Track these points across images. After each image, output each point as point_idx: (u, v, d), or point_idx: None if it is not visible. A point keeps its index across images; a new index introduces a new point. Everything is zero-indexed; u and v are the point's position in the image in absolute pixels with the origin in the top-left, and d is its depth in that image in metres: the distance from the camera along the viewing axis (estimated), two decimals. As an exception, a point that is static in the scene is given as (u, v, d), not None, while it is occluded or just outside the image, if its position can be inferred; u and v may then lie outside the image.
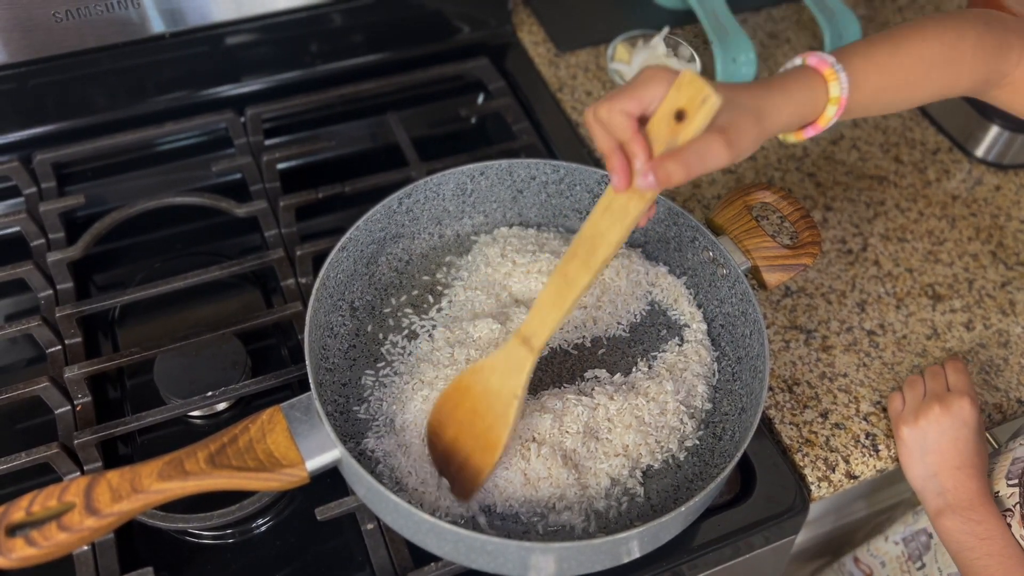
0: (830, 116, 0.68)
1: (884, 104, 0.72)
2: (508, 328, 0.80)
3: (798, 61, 0.68)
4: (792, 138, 0.70)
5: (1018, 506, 0.77)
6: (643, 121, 0.61)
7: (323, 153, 1.07)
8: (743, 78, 1.15)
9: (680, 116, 0.58)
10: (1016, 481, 0.79)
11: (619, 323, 0.86)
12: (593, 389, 0.79)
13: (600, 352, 0.84)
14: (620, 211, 0.63)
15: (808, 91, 0.66)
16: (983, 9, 0.75)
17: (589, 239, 0.65)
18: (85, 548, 0.73)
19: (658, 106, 0.60)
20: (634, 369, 0.83)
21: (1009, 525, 0.77)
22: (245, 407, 0.86)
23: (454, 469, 0.73)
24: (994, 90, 0.75)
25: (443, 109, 1.14)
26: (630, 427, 0.76)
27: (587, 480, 0.75)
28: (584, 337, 0.85)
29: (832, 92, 0.67)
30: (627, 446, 0.76)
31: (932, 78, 0.71)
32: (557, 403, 0.77)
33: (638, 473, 0.76)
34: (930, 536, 0.97)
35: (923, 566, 0.96)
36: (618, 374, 0.82)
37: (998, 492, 0.80)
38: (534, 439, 0.75)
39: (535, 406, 0.76)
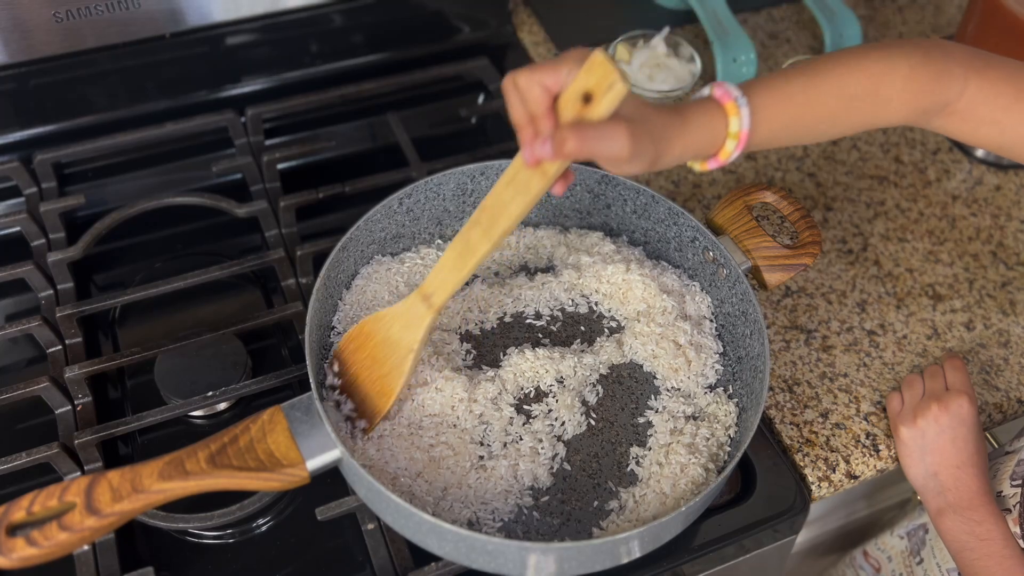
0: (730, 151, 0.65)
1: (798, 136, 0.69)
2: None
3: (706, 91, 0.65)
4: (697, 167, 0.68)
5: (1018, 505, 0.77)
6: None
7: (323, 153, 1.07)
8: (743, 78, 1.15)
9: (588, 98, 0.57)
10: (1020, 482, 0.79)
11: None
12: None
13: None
14: (523, 185, 0.63)
15: (708, 124, 0.63)
16: (924, 39, 0.72)
17: (491, 209, 0.65)
18: (86, 548, 0.73)
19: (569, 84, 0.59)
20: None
21: None
22: (245, 407, 0.86)
23: (356, 402, 0.75)
24: (936, 119, 0.71)
25: (443, 109, 1.14)
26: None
27: None
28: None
29: (732, 127, 0.64)
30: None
31: (854, 110, 0.68)
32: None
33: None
34: (926, 531, 0.97)
35: (921, 561, 0.96)
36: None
37: (1001, 492, 0.80)
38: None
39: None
